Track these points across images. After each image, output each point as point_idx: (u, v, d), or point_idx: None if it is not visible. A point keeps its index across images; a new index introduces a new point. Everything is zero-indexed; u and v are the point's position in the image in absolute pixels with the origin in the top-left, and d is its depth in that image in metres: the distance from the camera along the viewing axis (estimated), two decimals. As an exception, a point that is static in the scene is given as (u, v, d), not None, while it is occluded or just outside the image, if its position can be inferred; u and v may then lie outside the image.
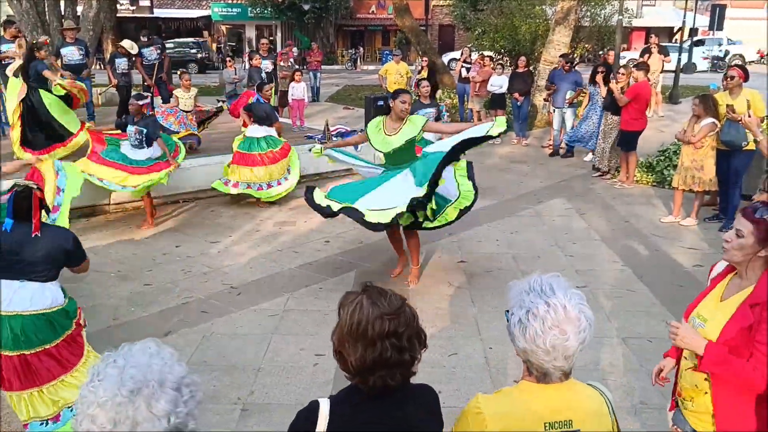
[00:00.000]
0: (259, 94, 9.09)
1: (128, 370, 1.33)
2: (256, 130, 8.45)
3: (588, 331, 1.73)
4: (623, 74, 9.63)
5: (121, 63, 11.90)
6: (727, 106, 7.14)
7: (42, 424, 3.58)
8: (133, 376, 1.32)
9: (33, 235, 3.53)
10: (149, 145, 7.38)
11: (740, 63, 12.72)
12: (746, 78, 7.43)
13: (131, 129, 7.34)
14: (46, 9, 15.72)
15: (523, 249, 6.90)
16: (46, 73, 8.40)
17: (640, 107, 9.19)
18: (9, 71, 8.96)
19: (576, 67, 12.24)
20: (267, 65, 12.15)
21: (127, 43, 12.13)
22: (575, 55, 16.10)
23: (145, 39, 12.41)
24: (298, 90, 13.08)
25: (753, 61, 31.01)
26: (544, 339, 1.69)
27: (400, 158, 5.67)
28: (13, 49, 10.52)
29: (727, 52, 31.63)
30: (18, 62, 9.33)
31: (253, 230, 7.55)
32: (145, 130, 7.30)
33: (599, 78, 10.32)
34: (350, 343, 1.75)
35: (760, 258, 2.34)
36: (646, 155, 10.27)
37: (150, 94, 9.97)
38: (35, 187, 3.66)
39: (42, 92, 8.20)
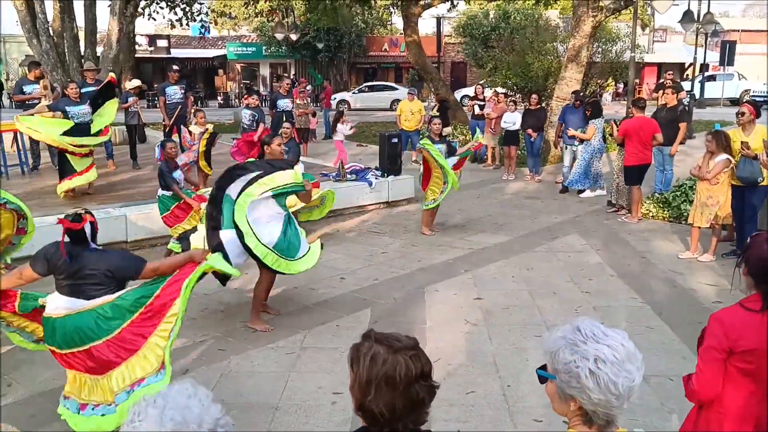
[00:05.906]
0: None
1: (168, 411, 1.35)
2: None
3: (643, 364, 1.70)
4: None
5: (130, 101, 12.10)
6: (742, 142, 7.14)
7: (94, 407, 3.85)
8: (173, 418, 1.34)
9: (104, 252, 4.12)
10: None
11: (751, 99, 12.75)
12: (757, 114, 7.46)
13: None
14: (66, 50, 16.11)
15: (539, 285, 6.88)
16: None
17: (639, 142, 9.18)
18: (34, 111, 9.28)
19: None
20: (287, 104, 12.11)
21: (135, 82, 12.37)
22: (588, 91, 16.21)
23: (176, 74, 11.84)
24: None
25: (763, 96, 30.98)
26: (616, 383, 1.63)
27: None
28: (38, 89, 10.80)
29: None
30: (44, 102, 9.61)
31: (269, 267, 7.57)
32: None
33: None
34: (377, 394, 1.69)
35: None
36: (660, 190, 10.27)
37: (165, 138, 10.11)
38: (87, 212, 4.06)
39: None
